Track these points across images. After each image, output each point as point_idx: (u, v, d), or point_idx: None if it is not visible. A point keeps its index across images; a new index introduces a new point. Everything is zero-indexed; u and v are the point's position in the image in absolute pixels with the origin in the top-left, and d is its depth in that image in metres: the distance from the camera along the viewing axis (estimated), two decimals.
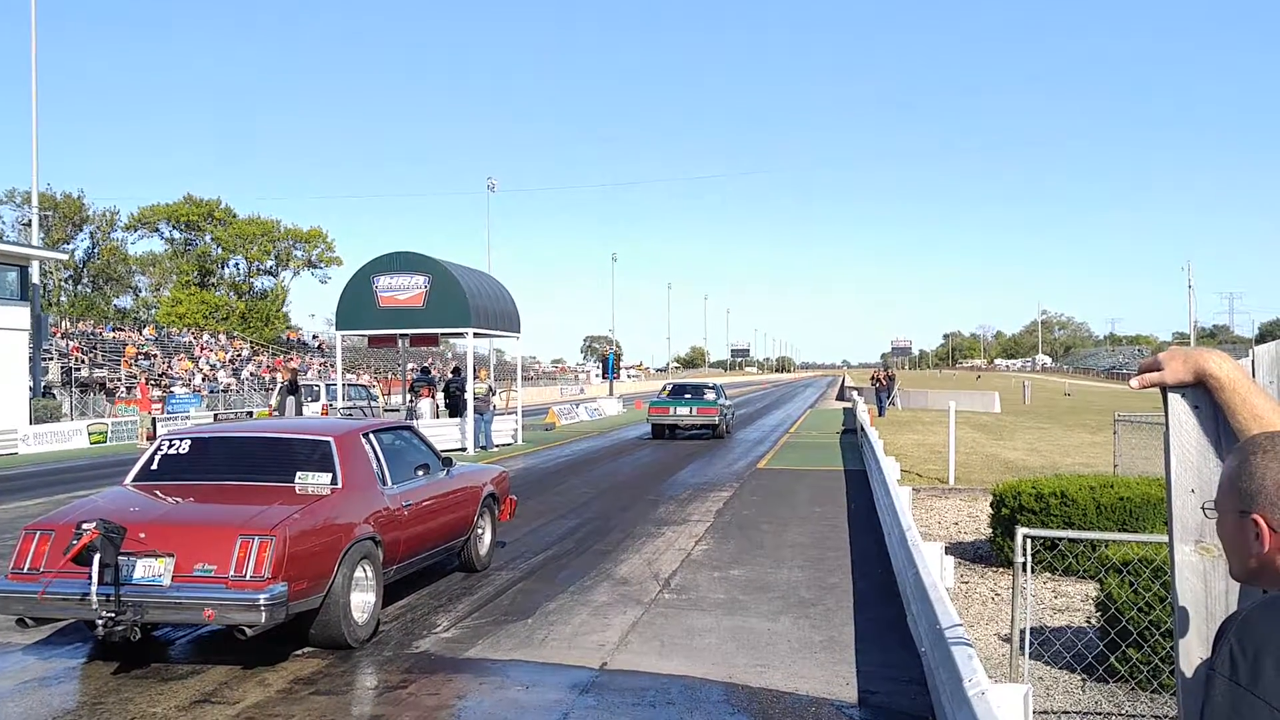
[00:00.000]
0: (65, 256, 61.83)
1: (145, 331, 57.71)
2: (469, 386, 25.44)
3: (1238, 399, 2.05)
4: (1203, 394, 2.13)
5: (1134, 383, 2.24)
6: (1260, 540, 1.76)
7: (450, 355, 68.81)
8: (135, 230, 76.86)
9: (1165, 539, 6.03)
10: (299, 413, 23.59)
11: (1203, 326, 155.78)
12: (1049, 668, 7.08)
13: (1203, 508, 2.03)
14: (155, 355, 51.44)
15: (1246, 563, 1.82)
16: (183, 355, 53.48)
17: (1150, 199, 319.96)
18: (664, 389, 33.32)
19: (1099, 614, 6.94)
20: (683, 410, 29.72)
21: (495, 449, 25.60)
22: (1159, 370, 2.16)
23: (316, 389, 31.80)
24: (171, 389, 45.34)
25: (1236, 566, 1.86)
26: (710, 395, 30.42)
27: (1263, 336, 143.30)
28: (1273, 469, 1.76)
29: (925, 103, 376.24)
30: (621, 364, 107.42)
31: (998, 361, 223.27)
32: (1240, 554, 1.82)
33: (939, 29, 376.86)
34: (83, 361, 45.17)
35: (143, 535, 6.83)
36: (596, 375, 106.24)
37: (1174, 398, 2.17)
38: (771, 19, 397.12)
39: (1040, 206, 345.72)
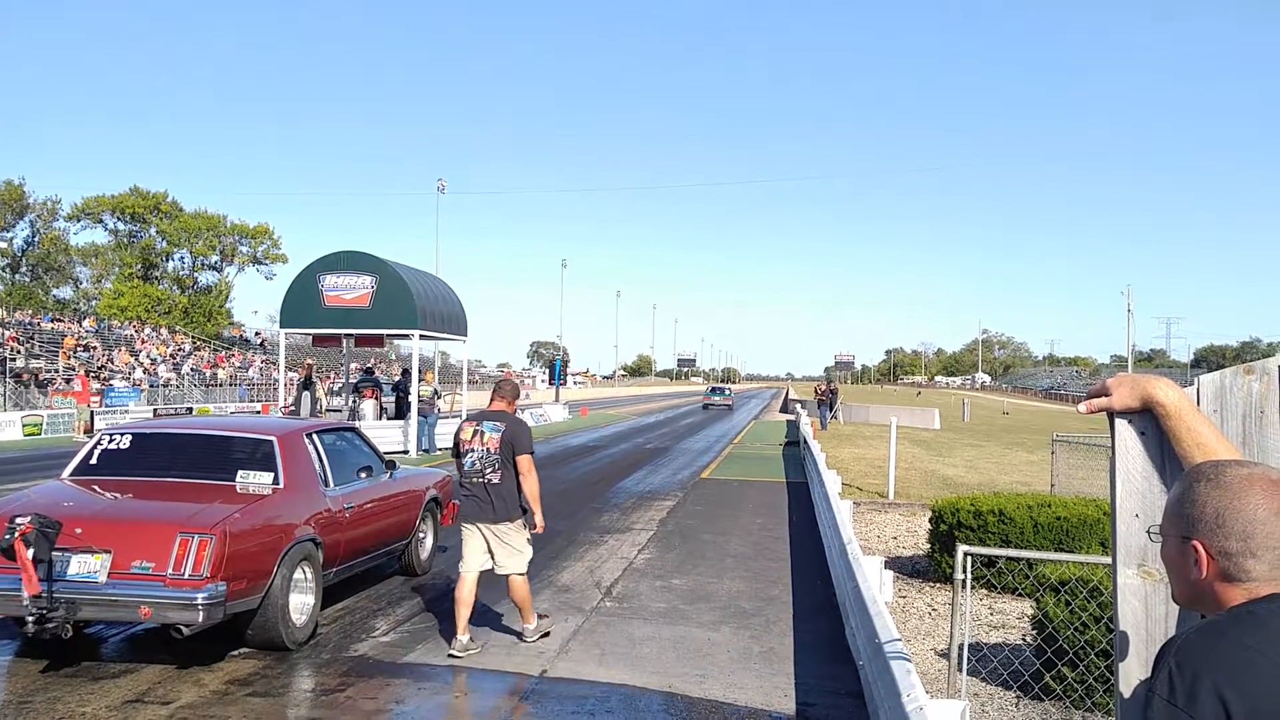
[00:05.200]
0: (3, 245, 60.67)
1: (85, 323, 56.70)
2: (413, 389, 25.27)
3: (1183, 426, 2.09)
4: (1149, 420, 2.17)
5: (1082, 407, 2.27)
6: (1199, 566, 1.80)
7: (395, 356, 68.33)
8: (78, 221, 75.41)
9: (1103, 560, 6.13)
10: (314, 409, 23.49)
11: (1140, 350, 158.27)
12: (985, 684, 7.16)
13: (1148, 531, 2.07)
14: (95, 348, 50.56)
15: (1186, 587, 1.86)
16: (123, 348, 52.62)
17: (1092, 224, 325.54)
18: (708, 389, 78.15)
19: (1035, 632, 7.03)
20: (717, 398, 68.67)
21: (439, 452, 25.43)
22: (1107, 395, 2.20)
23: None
24: (111, 382, 44.59)
25: (1178, 590, 1.90)
26: (728, 391, 76.15)
27: (1198, 361, 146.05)
28: (1213, 497, 1.80)
29: (870, 123, 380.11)
30: (568, 370, 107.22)
31: (938, 379, 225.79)
32: (1181, 578, 1.86)
33: (888, 51, 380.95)
34: (18, 352, 44.28)
35: (79, 531, 6.71)
36: (543, 381, 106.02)
37: (1121, 423, 2.21)
38: (725, 31, 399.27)
39: (984, 228, 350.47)
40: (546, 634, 8.11)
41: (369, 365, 33.94)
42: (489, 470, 7.67)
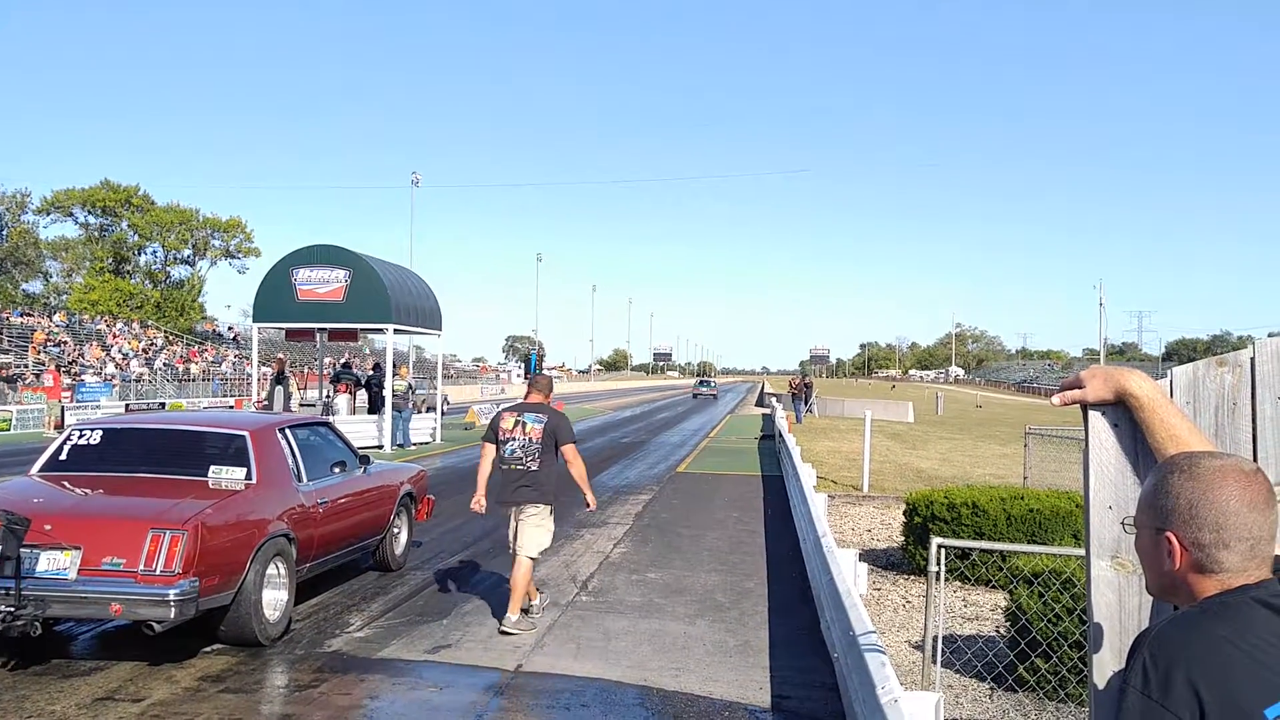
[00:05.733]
0: None
1: (55, 318, 56.14)
2: (388, 383, 25.17)
3: (1156, 418, 2.09)
4: (1122, 412, 2.17)
5: (1056, 399, 2.27)
6: (1173, 558, 1.80)
7: (369, 351, 68.03)
8: (48, 214, 74.57)
9: (1076, 551, 6.16)
10: (287, 405, 23.39)
11: (1112, 344, 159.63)
12: (959, 676, 7.19)
13: (1122, 523, 2.07)
14: (66, 342, 50.11)
15: (1160, 579, 1.87)
16: (94, 343, 52.17)
17: (1064, 218, 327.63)
18: (697, 381, 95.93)
19: (1009, 624, 7.06)
20: (704, 388, 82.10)
21: (413, 447, 25.34)
22: (1081, 388, 2.20)
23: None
24: (82, 377, 44.19)
25: (1152, 582, 1.91)
26: (712, 383, 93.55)
27: (1169, 355, 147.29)
28: (1187, 489, 1.80)
29: (844, 118, 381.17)
30: (544, 364, 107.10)
31: (912, 372, 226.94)
32: (1155, 570, 1.87)
33: (860, 47, 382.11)
34: None
35: (48, 527, 6.63)
36: (518, 375, 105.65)
37: (1094, 415, 2.21)
38: (702, 25, 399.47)
39: (958, 223, 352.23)
40: (530, 629, 8.25)
41: (347, 360, 33.74)
42: (529, 458, 8.30)
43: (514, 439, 8.36)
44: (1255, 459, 2.18)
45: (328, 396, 26.63)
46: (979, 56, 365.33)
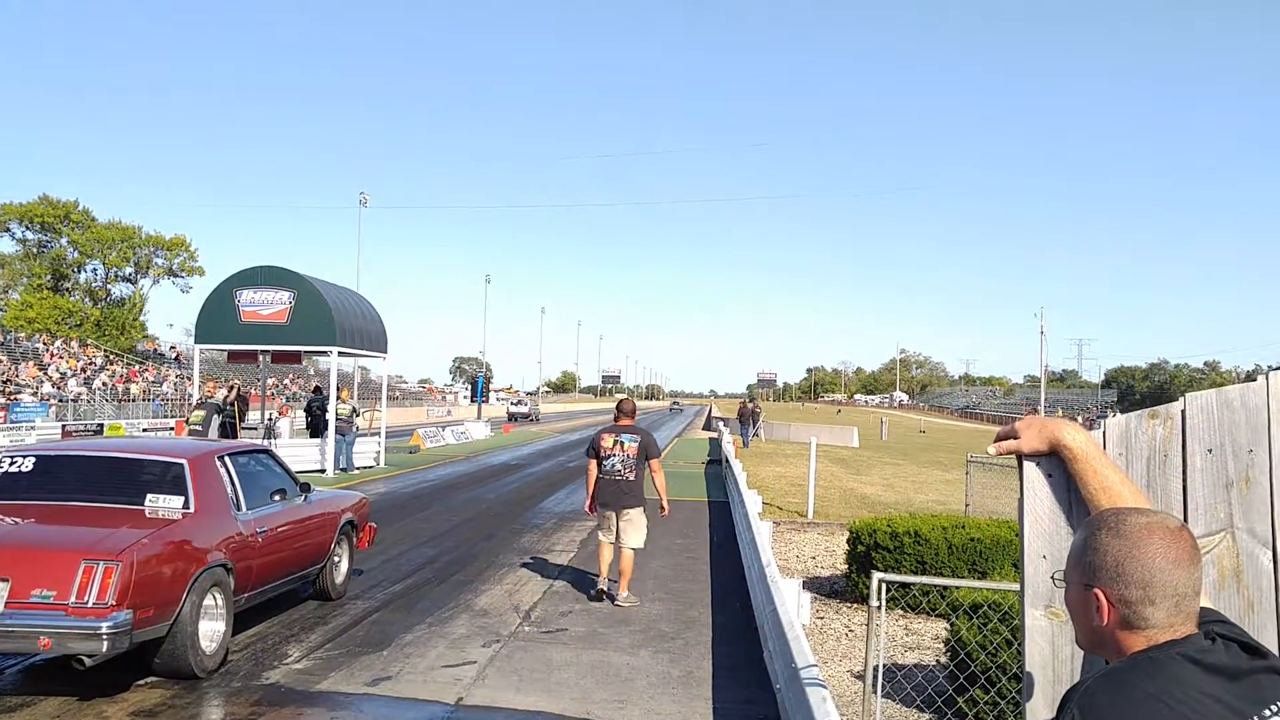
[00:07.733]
0: None
1: None
2: (331, 407, 24.91)
3: (1089, 469, 2.12)
4: (1056, 463, 2.20)
5: (991, 449, 2.30)
6: (1100, 613, 1.82)
7: (313, 373, 67.41)
8: None
9: (1015, 586, 6.20)
10: (228, 434, 22.86)
11: (1053, 371, 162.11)
12: (900, 707, 7.21)
13: (1052, 577, 2.09)
14: (0, 361, 49.14)
15: (1089, 633, 1.88)
16: (30, 362, 51.21)
17: (1006, 246, 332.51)
18: (671, 401, 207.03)
19: (949, 656, 7.10)
20: (676, 406, 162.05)
21: (356, 471, 25.09)
22: (1015, 438, 2.23)
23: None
24: (17, 397, 43.34)
25: (1081, 636, 1.93)
26: (681, 403, 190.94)
27: (1108, 382, 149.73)
28: (1114, 546, 1.82)
29: (791, 146, 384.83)
30: (491, 387, 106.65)
31: (857, 397, 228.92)
32: (1084, 625, 1.89)
33: (806, 73, 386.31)
34: None
35: None
36: (465, 397, 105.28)
37: (1029, 465, 2.23)
38: (654, 46, 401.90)
39: (903, 250, 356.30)
40: (636, 604, 10.18)
41: (317, 385, 33.28)
42: (626, 470, 10.24)
43: (614, 455, 10.24)
44: (1185, 510, 2.21)
45: (270, 420, 26.28)
46: (919, 85, 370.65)
